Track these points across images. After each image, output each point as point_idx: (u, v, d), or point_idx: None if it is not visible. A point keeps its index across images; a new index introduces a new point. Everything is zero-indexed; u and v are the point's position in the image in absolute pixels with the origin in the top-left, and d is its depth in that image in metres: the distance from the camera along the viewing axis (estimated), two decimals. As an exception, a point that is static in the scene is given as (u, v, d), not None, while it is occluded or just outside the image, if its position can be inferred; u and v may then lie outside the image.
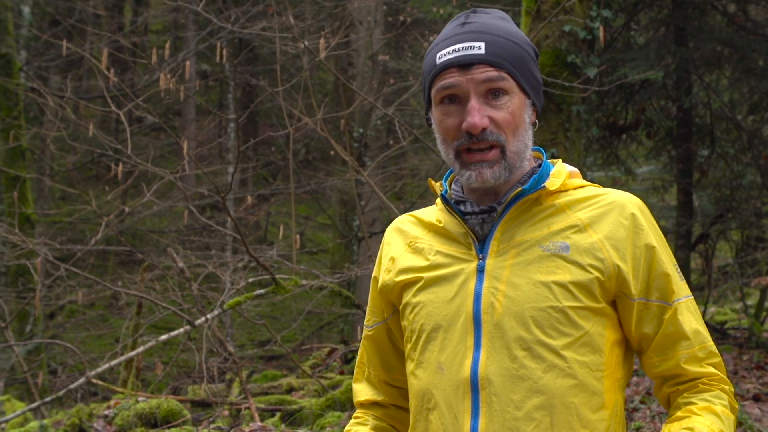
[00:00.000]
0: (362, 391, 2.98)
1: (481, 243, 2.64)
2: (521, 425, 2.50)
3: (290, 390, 10.43)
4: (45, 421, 8.19)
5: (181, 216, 18.22)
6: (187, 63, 10.09)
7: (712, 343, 2.64)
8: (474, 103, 2.54)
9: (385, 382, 2.95)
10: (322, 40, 9.13)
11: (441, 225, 2.74)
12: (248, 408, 8.72)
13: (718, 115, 12.29)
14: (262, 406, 9.05)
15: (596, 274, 2.53)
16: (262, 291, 9.62)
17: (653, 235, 2.61)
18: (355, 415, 2.98)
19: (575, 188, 2.67)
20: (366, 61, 18.14)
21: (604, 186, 2.76)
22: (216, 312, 9.26)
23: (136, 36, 21.80)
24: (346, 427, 2.95)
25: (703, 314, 13.74)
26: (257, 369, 14.04)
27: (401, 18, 16.69)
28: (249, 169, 20.24)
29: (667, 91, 11.96)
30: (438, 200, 2.78)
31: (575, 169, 2.76)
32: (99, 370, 8.90)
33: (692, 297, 2.67)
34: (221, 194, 8.87)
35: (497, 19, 2.66)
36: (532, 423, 2.50)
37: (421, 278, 2.70)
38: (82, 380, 8.72)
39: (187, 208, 10.60)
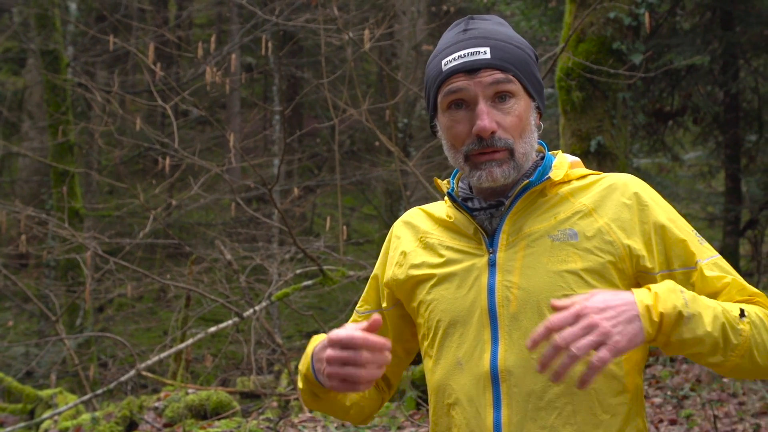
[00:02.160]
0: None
1: (490, 238, 2.65)
2: (544, 414, 2.52)
3: (339, 381, 10.44)
4: (97, 414, 8.26)
5: (227, 208, 18.31)
6: (233, 56, 10.13)
7: (751, 287, 2.61)
8: (483, 106, 2.56)
9: None
10: (366, 32, 9.13)
11: (451, 220, 2.75)
12: (297, 399, 8.75)
13: (767, 99, 12.18)
14: (311, 397, 9.07)
15: (607, 258, 2.54)
16: (309, 282, 9.64)
17: (660, 210, 2.61)
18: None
19: (577, 178, 2.69)
20: (410, 51, 18.13)
21: (649, 173, 2.74)
22: (264, 304, 9.30)
23: (181, 30, 21.89)
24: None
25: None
26: (305, 360, 14.08)
27: (444, 8, 16.63)
28: (294, 161, 20.28)
29: (714, 76, 11.85)
30: (446, 197, 2.78)
31: (576, 159, 2.78)
32: (149, 362, 8.97)
33: (719, 256, 2.63)
34: (267, 186, 8.89)
35: (497, 24, 2.68)
36: (554, 411, 2.52)
37: (434, 275, 2.71)
38: (132, 373, 8.78)
39: (234, 201, 10.65)
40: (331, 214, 18.53)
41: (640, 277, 2.58)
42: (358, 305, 2.97)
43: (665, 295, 2.35)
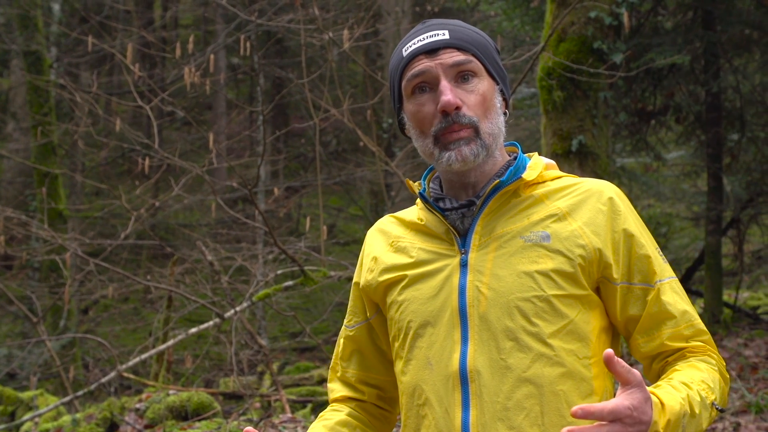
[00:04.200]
0: (337, 389, 2.98)
1: (462, 238, 2.65)
2: (511, 415, 2.51)
3: (321, 381, 10.45)
4: (77, 415, 8.25)
5: (210, 209, 18.29)
6: (212, 57, 10.10)
7: (700, 321, 2.65)
8: (445, 83, 2.58)
9: (363, 382, 2.95)
10: (346, 31, 9.13)
11: (422, 223, 2.75)
12: (279, 400, 8.75)
13: (748, 98, 12.21)
14: (293, 397, 9.08)
15: (579, 260, 2.55)
16: (290, 283, 9.64)
17: (632, 219, 2.64)
18: (330, 406, 2.97)
19: (552, 179, 2.70)
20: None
21: (635, 173, 2.78)
22: (245, 304, 9.29)
23: (166, 31, 21.87)
24: (320, 414, 2.94)
25: (736, 300, 13.66)
26: (289, 361, 14.09)
27: (429, 8, 16.64)
28: (279, 162, 20.28)
29: (696, 75, 11.88)
30: (418, 199, 2.79)
31: (551, 161, 2.78)
32: (129, 363, 8.96)
33: (676, 278, 2.67)
34: (248, 187, 8.89)
35: (456, 20, 2.72)
36: (522, 412, 2.51)
37: (405, 276, 2.71)
38: (113, 374, 8.78)
39: (216, 202, 10.63)
40: (315, 215, 18.54)
41: (601, 283, 2.61)
42: (346, 320, 2.97)
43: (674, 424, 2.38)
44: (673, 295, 2.62)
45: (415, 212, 2.81)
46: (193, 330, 9.34)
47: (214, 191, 9.43)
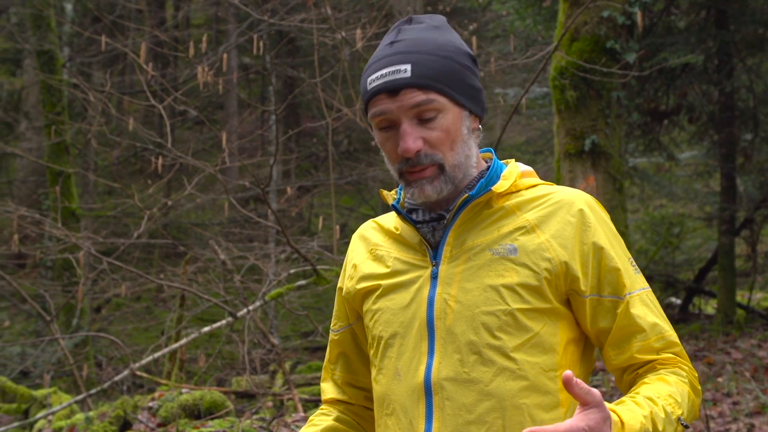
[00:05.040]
0: (328, 390, 3.00)
1: (434, 250, 2.65)
2: (473, 429, 2.52)
3: (333, 380, 10.43)
4: (90, 413, 8.27)
5: (223, 209, 18.30)
6: (225, 56, 10.12)
7: (672, 333, 2.64)
8: (405, 127, 2.53)
9: (349, 384, 2.97)
10: (358, 31, 9.13)
11: (398, 232, 2.75)
12: (291, 399, 8.75)
13: (762, 98, 12.19)
14: (306, 396, 9.09)
15: (544, 274, 2.54)
16: (303, 282, 9.65)
17: (602, 231, 2.61)
18: (320, 408, 3.01)
19: (527, 188, 2.68)
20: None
21: (647, 173, 2.75)
22: (258, 303, 9.30)
23: (178, 30, 21.90)
24: (310, 417, 2.98)
25: (749, 300, 13.63)
26: (302, 360, 14.10)
27: (441, 7, 16.64)
28: (291, 161, 20.30)
29: (709, 75, 11.87)
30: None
31: (528, 168, 2.76)
32: (142, 362, 8.97)
33: (649, 289, 2.66)
34: (261, 186, 8.89)
35: (430, 29, 2.64)
36: (483, 426, 2.52)
37: (380, 286, 2.71)
38: (126, 372, 8.80)
39: (229, 201, 10.65)
40: (327, 214, 18.55)
41: (570, 295, 2.59)
42: (332, 323, 2.98)
43: None
44: (643, 308, 2.60)
45: (393, 220, 2.80)
46: (206, 329, 9.35)
47: (227, 190, 9.44)
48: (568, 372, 2.20)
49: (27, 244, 14.18)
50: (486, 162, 2.76)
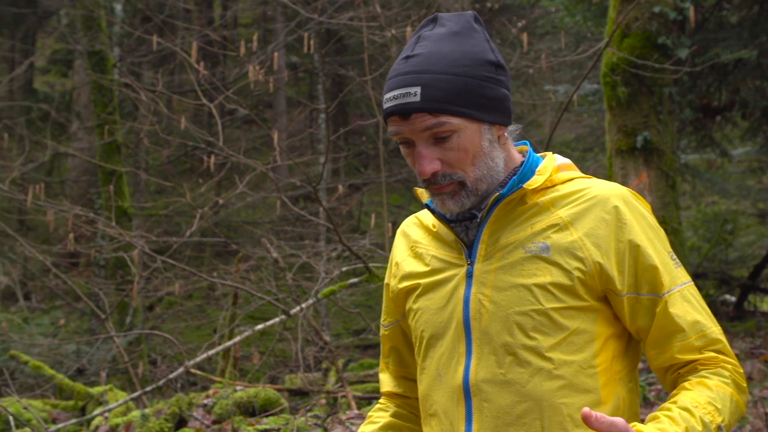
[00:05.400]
0: (386, 382, 3.03)
1: (469, 248, 2.65)
2: (512, 430, 2.52)
3: (386, 378, 10.43)
4: (146, 410, 8.32)
5: (274, 207, 18.37)
6: (276, 54, 10.17)
7: (714, 329, 2.58)
8: (420, 149, 2.53)
9: (403, 377, 3.00)
10: (408, 29, 9.14)
11: (435, 230, 2.77)
12: (345, 396, 8.77)
13: (816, 93, 12.06)
14: (359, 394, 9.10)
15: (577, 273, 2.51)
16: (355, 280, 9.67)
17: (638, 227, 2.56)
18: (379, 401, 3.04)
19: (563, 182, 2.65)
20: (454, 48, 18.04)
21: (698, 169, 2.72)
22: (310, 301, 9.33)
23: (227, 30, 22.00)
24: (369, 413, 3.01)
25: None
26: (353, 358, 14.12)
27: (489, 4, 16.60)
28: (340, 159, 20.33)
29: (762, 70, 11.75)
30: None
31: (566, 161, 2.72)
32: (197, 360, 9.03)
33: (690, 284, 2.61)
34: (313, 184, 8.92)
35: (449, 38, 2.56)
36: (522, 428, 2.52)
37: (419, 285, 2.73)
38: (180, 370, 8.85)
39: (280, 199, 10.69)
40: (377, 212, 18.58)
41: (607, 293, 2.56)
42: (381, 318, 3.01)
43: None
44: (683, 305, 2.56)
45: (431, 216, 2.80)
46: (260, 326, 9.39)
47: (279, 189, 9.48)
48: (585, 409, 2.21)
49: (81, 243, 14.30)
50: (522, 156, 2.73)
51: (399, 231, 2.92)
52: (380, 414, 2.99)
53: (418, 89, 2.48)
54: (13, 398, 8.63)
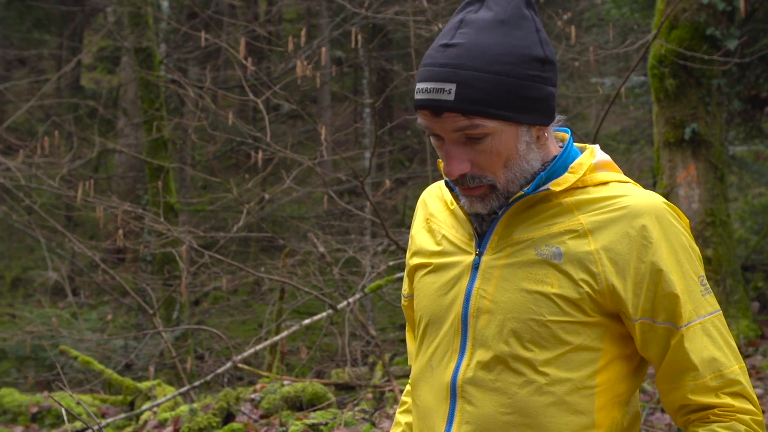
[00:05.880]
0: (412, 352, 2.81)
1: (481, 236, 2.46)
2: None
3: (432, 372, 10.42)
4: (194, 405, 8.37)
5: (319, 201, 18.42)
6: (323, 49, 10.18)
7: (734, 369, 2.34)
8: (449, 148, 2.35)
9: None
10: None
11: (452, 207, 2.58)
12: (392, 390, 8.77)
13: None
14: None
15: (586, 288, 2.31)
16: (402, 274, 9.67)
17: (666, 249, 2.32)
18: (402, 398, 2.91)
19: (596, 185, 2.42)
20: (499, 41, 17.99)
21: (745, 161, 2.58)
22: (357, 296, 9.34)
23: (271, 25, 22.06)
24: (404, 394, 2.89)
25: None
26: (399, 352, 14.13)
27: (534, -3, 16.53)
28: (386, 154, 20.34)
29: (812, 61, 11.64)
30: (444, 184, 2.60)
31: (606, 158, 2.48)
32: (244, 354, 9.07)
33: (717, 314, 2.37)
34: (360, 179, 8.92)
35: (494, 27, 2.33)
36: None
37: (427, 264, 2.57)
38: (228, 365, 8.89)
39: (327, 194, 10.71)
40: (423, 206, 18.55)
41: (619, 314, 2.35)
42: (403, 289, 2.85)
43: None
44: (703, 340, 2.33)
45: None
46: (307, 321, 9.42)
47: (326, 183, 9.50)
48: None
49: (128, 239, 14.39)
50: (560, 146, 2.50)
51: (422, 197, 2.74)
52: (403, 416, 2.87)
53: (453, 87, 2.27)
54: (65, 393, 8.71)
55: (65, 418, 7.57)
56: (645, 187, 2.43)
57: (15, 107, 19.37)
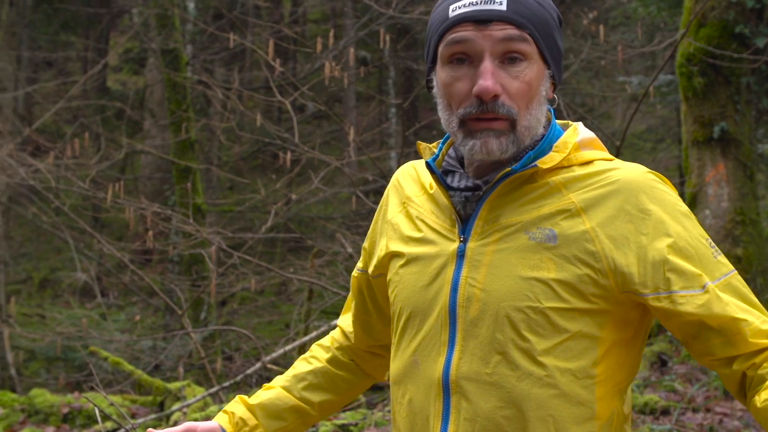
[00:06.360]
0: (342, 319, 2.83)
1: (465, 222, 2.33)
2: None
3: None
4: (224, 406, 8.40)
5: (345, 201, 18.42)
6: (351, 50, 10.20)
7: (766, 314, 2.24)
8: (488, 64, 2.21)
9: (360, 324, 2.75)
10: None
11: (432, 192, 2.44)
12: (421, 390, 8.78)
13: None
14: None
15: (585, 270, 2.20)
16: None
17: (668, 218, 2.23)
18: (330, 334, 2.85)
19: (581, 164, 2.32)
20: (525, 40, 18.00)
21: None
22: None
23: (297, 26, 22.11)
24: (314, 344, 2.86)
25: None
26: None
27: (561, -5, 16.52)
28: (411, 154, 20.32)
29: (842, 58, 11.58)
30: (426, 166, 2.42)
31: (590, 135, 2.38)
32: (274, 355, 9.08)
33: (735, 273, 2.25)
34: (387, 179, 8.94)
35: None
36: None
37: (404, 254, 2.42)
38: (258, 365, 8.91)
39: (354, 194, 10.72)
40: (449, 206, 18.54)
41: (631, 297, 2.24)
42: (359, 262, 2.71)
43: None
44: (734, 295, 2.22)
45: (430, 175, 2.42)
46: (335, 321, 9.42)
47: (354, 183, 9.51)
48: None
49: (157, 240, 14.45)
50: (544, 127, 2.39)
51: (393, 180, 2.60)
52: (319, 353, 2.81)
53: (504, 0, 2.22)
54: (96, 393, 8.75)
55: (98, 418, 7.60)
56: (674, 186, 2.36)
57: (42, 108, 19.48)
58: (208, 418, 8.18)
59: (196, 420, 8.33)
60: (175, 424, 8.43)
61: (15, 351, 14.18)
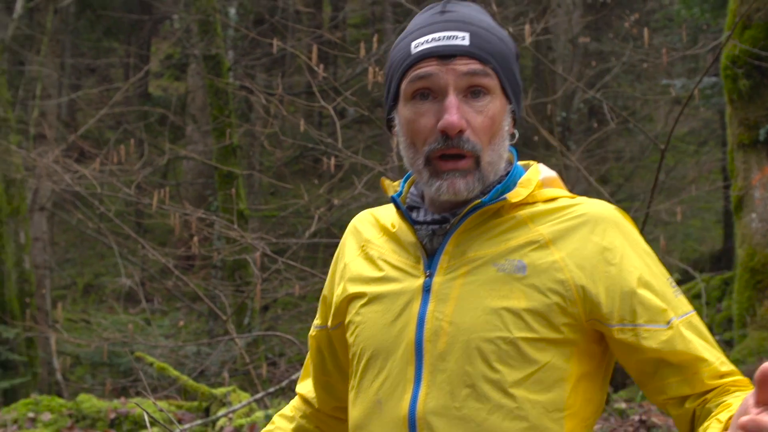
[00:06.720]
0: (303, 385, 2.79)
1: (430, 258, 2.32)
2: None
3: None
4: (270, 411, 8.41)
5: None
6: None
7: (724, 361, 2.24)
8: (452, 98, 2.22)
9: (321, 385, 2.70)
10: (527, 26, 9.10)
11: (394, 230, 2.42)
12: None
13: None
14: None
15: (555, 299, 2.20)
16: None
17: (633, 252, 2.26)
18: (290, 404, 2.83)
19: (545, 200, 2.33)
20: (566, 44, 17.99)
21: None
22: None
23: (338, 31, 22.17)
24: (276, 414, 2.82)
25: None
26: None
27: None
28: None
29: None
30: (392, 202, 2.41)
31: (552, 174, 2.41)
32: (319, 360, 9.10)
33: (694, 313, 2.26)
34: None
35: (478, 12, 2.32)
36: None
37: (366, 293, 2.39)
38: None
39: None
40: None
41: (593, 325, 2.24)
42: (316, 319, 2.69)
43: None
44: (693, 334, 2.22)
45: (391, 215, 2.45)
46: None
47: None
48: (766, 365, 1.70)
49: (201, 246, 14.52)
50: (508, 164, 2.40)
51: (350, 228, 2.57)
52: (283, 424, 2.76)
53: (466, 35, 2.23)
54: (145, 399, 8.81)
55: (147, 423, 7.65)
56: (718, 189, 2.31)
57: (86, 115, 19.64)
58: (254, 423, 8.21)
59: (241, 426, 8.38)
60: (221, 429, 8.47)
61: (61, 356, 14.30)
